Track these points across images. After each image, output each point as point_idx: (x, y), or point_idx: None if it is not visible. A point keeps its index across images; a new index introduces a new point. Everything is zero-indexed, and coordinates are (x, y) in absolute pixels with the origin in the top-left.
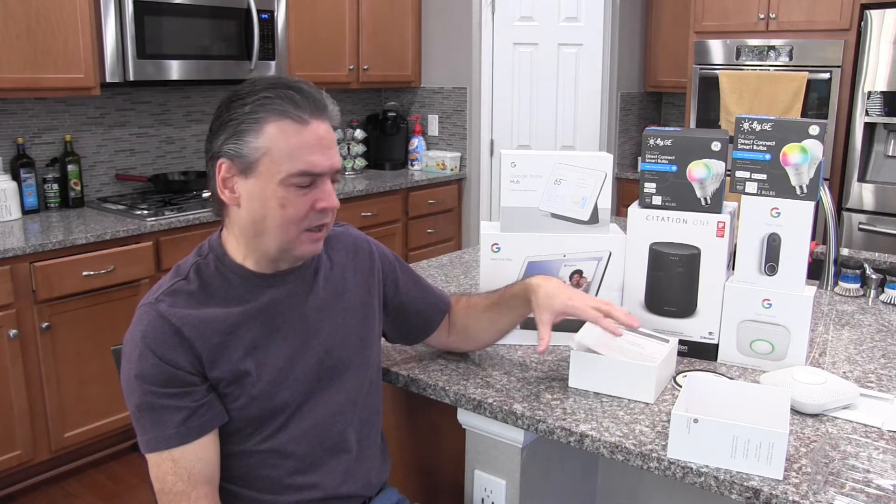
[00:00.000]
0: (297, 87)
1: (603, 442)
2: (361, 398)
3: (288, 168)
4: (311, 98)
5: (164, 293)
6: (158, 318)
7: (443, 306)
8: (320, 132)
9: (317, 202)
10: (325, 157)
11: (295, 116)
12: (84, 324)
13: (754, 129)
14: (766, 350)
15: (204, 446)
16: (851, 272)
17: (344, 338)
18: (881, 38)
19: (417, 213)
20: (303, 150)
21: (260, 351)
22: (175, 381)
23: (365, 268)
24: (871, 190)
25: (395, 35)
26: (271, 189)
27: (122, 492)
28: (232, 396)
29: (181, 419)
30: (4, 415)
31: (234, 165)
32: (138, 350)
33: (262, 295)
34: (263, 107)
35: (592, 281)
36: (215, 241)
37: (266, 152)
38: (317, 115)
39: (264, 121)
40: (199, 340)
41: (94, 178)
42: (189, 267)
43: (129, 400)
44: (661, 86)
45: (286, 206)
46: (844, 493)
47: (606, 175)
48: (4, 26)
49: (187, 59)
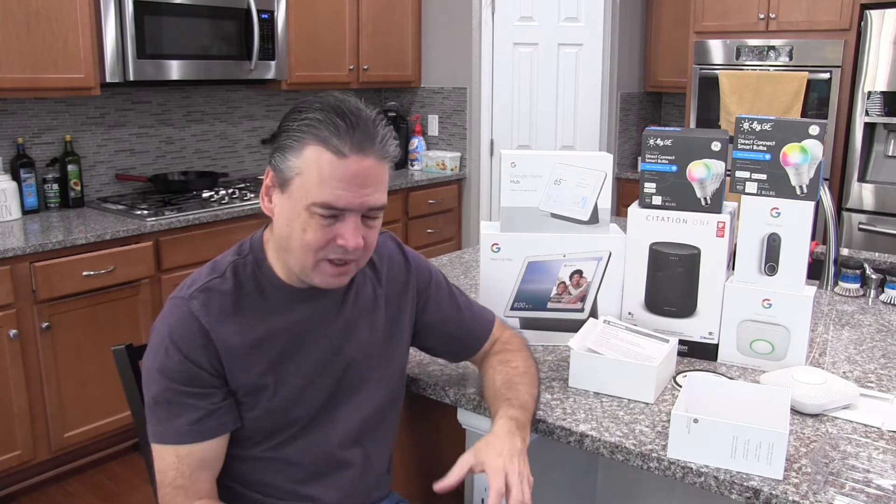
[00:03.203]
0: (350, 115)
1: (603, 442)
2: (377, 415)
3: (314, 196)
4: (360, 130)
5: (198, 289)
6: (189, 316)
7: (481, 334)
8: (357, 168)
9: (338, 237)
10: (353, 195)
11: (334, 147)
12: (84, 324)
13: (754, 129)
14: (766, 350)
15: (211, 447)
16: (851, 272)
17: (367, 355)
18: (881, 38)
19: (417, 213)
20: (333, 182)
21: (281, 367)
22: (197, 381)
23: (399, 282)
24: (871, 190)
25: (395, 35)
26: (297, 211)
27: (122, 492)
28: (248, 406)
29: (196, 418)
30: (4, 415)
31: (276, 177)
32: (164, 345)
33: (293, 310)
34: (309, 128)
35: (592, 281)
36: (257, 243)
37: (300, 173)
38: (359, 150)
39: (305, 142)
40: (224, 349)
41: (94, 178)
42: (227, 265)
43: (147, 389)
44: (661, 86)
45: (307, 232)
46: (844, 493)
47: (606, 175)
48: (4, 26)
49: (187, 59)
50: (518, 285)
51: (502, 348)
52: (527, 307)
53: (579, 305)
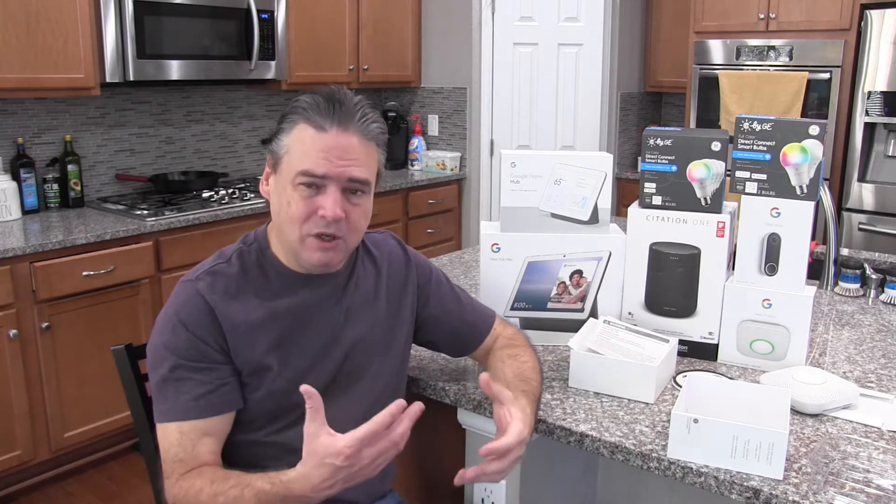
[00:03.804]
0: (334, 97)
1: (603, 442)
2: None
3: (297, 166)
4: (340, 108)
5: (204, 272)
6: (195, 295)
7: (483, 328)
8: (337, 141)
9: (319, 208)
10: (333, 165)
11: (315, 122)
12: (84, 324)
13: (754, 129)
14: (766, 350)
15: (214, 425)
16: (851, 272)
17: (366, 345)
18: (881, 38)
19: (417, 213)
20: (314, 152)
21: (283, 349)
22: (204, 356)
23: (399, 277)
24: (871, 190)
25: (395, 35)
26: (284, 185)
27: (122, 492)
28: (252, 387)
29: (200, 393)
30: (4, 415)
31: (271, 160)
32: (171, 323)
33: (296, 294)
34: (296, 109)
35: (592, 281)
36: (261, 233)
37: (287, 151)
38: (339, 125)
39: (294, 122)
40: (229, 326)
41: (94, 178)
42: (232, 252)
43: (154, 370)
44: (661, 86)
45: (291, 205)
46: (844, 493)
47: (606, 175)
48: (4, 26)
49: (187, 59)
50: (518, 285)
51: (509, 343)
52: (527, 307)
53: (579, 305)
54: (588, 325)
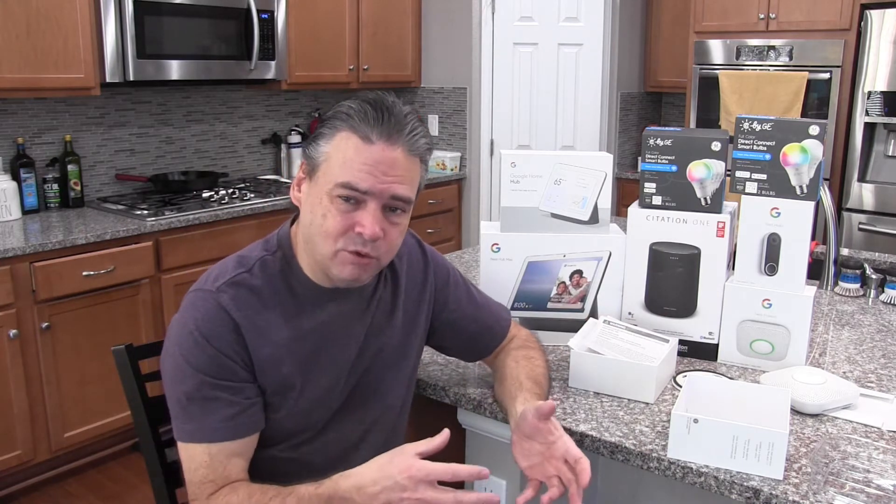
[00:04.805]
0: (382, 107)
1: (603, 442)
2: (388, 416)
3: (337, 177)
4: (390, 121)
5: (226, 283)
6: (218, 309)
7: (500, 331)
8: (382, 155)
9: (357, 224)
10: (376, 179)
11: (362, 133)
12: (84, 324)
13: (754, 129)
14: (766, 350)
15: (243, 446)
16: (851, 272)
17: (384, 358)
18: (881, 38)
19: (417, 213)
20: (357, 164)
21: (309, 368)
22: (231, 374)
23: (418, 283)
24: (871, 190)
25: (395, 35)
26: (320, 196)
27: (122, 492)
28: (274, 407)
29: (231, 414)
30: (4, 415)
31: (307, 165)
32: (193, 338)
33: (322, 310)
34: (340, 116)
35: (592, 281)
36: (285, 239)
37: (327, 159)
38: (387, 139)
39: (337, 129)
40: (254, 345)
41: (94, 178)
42: (255, 261)
43: (176, 386)
44: (661, 86)
45: (327, 218)
46: (844, 493)
47: (606, 175)
48: (4, 26)
49: (187, 59)
50: (518, 285)
51: (524, 344)
52: (527, 307)
53: (579, 305)
54: (588, 324)
